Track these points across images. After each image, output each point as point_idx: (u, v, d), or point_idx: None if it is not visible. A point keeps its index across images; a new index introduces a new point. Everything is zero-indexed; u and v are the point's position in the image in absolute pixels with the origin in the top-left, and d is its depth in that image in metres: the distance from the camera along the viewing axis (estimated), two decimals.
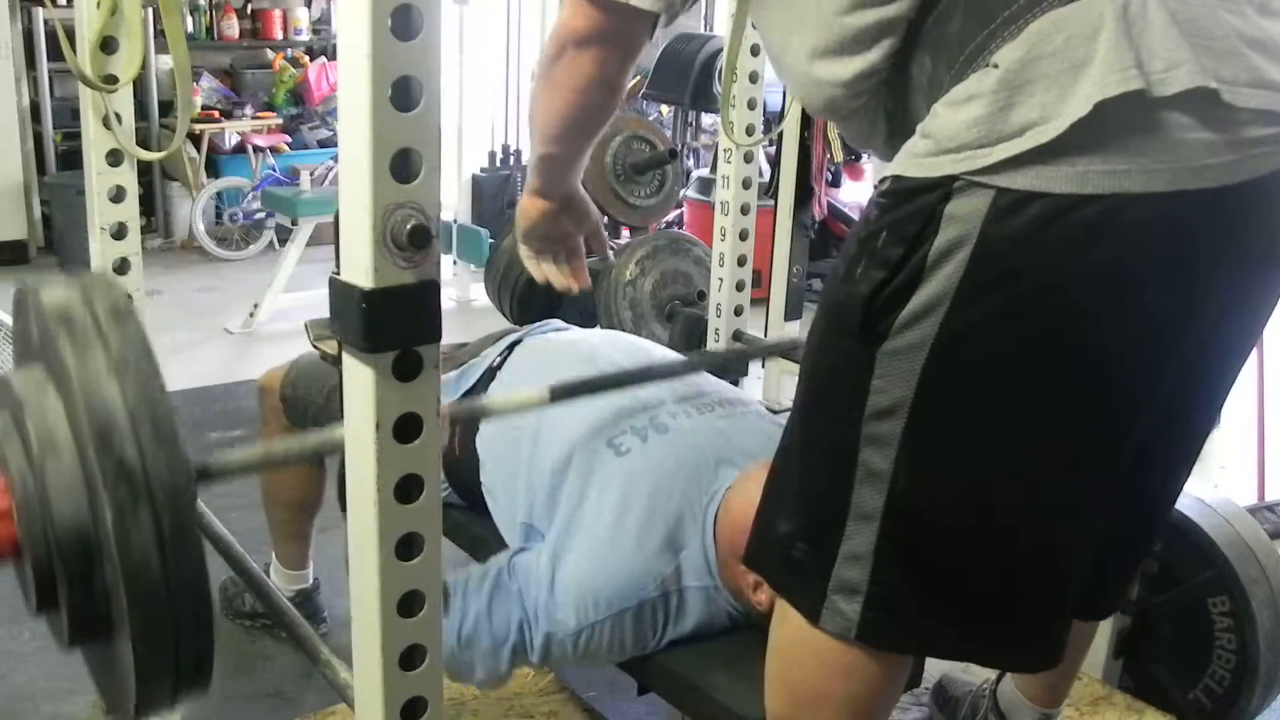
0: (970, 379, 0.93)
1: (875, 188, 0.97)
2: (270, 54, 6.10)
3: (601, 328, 3.09)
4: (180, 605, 0.89)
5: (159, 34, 1.72)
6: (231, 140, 5.82)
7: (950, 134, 0.88)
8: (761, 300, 3.08)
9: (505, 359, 1.71)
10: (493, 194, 5.22)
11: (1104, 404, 0.96)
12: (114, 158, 1.56)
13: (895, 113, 1.00)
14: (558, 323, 1.92)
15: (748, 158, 2.18)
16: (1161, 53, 0.84)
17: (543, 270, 1.58)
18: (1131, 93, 0.83)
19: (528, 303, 3.54)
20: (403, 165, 0.79)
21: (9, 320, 2.84)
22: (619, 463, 1.46)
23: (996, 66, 0.87)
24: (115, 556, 0.86)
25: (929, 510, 0.98)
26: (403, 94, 0.78)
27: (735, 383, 2.26)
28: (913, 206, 0.90)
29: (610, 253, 1.57)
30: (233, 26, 5.89)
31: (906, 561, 1.00)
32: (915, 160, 0.91)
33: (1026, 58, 0.86)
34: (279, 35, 6.07)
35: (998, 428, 0.95)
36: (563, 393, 1.44)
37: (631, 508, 1.42)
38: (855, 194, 4.85)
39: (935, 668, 1.77)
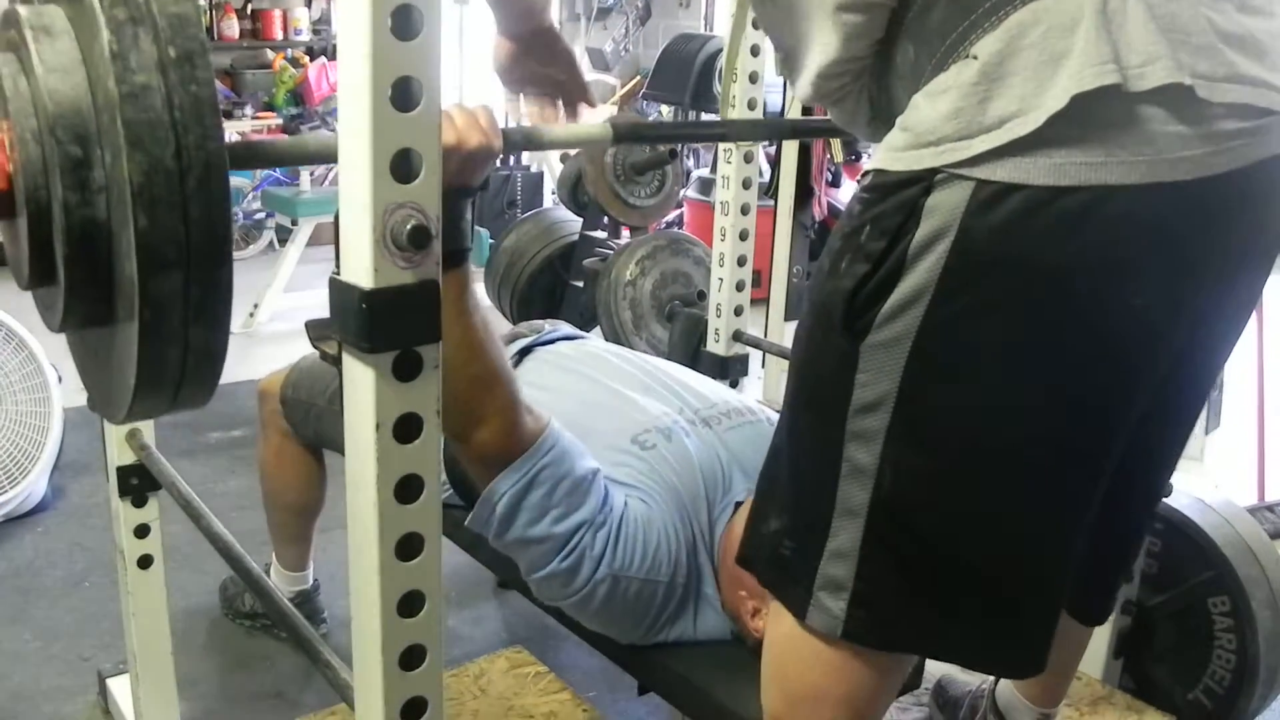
0: (952, 372, 0.93)
1: (857, 182, 0.97)
2: (270, 54, 6.10)
3: (601, 328, 3.10)
4: (185, 141, 0.75)
5: None
6: (231, 140, 5.82)
7: (929, 127, 0.88)
8: (761, 300, 3.08)
9: (517, 365, 1.71)
10: (493, 194, 5.23)
11: (1090, 396, 0.96)
12: None
13: (879, 98, 1.01)
14: (564, 327, 1.92)
15: (748, 158, 2.18)
16: (1139, 47, 0.85)
17: (520, 109, 1.52)
18: (1108, 86, 0.84)
19: (528, 302, 3.56)
20: (403, 165, 0.79)
21: (9, 322, 2.83)
22: (647, 455, 1.49)
23: (976, 58, 0.87)
24: (112, 88, 0.73)
25: (914, 506, 0.98)
26: (403, 94, 0.78)
27: (734, 383, 2.27)
28: (894, 200, 0.90)
29: (588, 87, 1.48)
30: (232, 26, 5.89)
31: (891, 558, 1.00)
32: (895, 154, 0.91)
33: (1006, 50, 0.86)
34: (279, 35, 6.07)
35: (981, 421, 0.95)
36: (626, 133, 1.35)
37: (667, 494, 1.44)
38: None
39: (935, 668, 1.77)
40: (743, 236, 2.20)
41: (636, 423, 1.53)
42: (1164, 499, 1.78)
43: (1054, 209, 0.86)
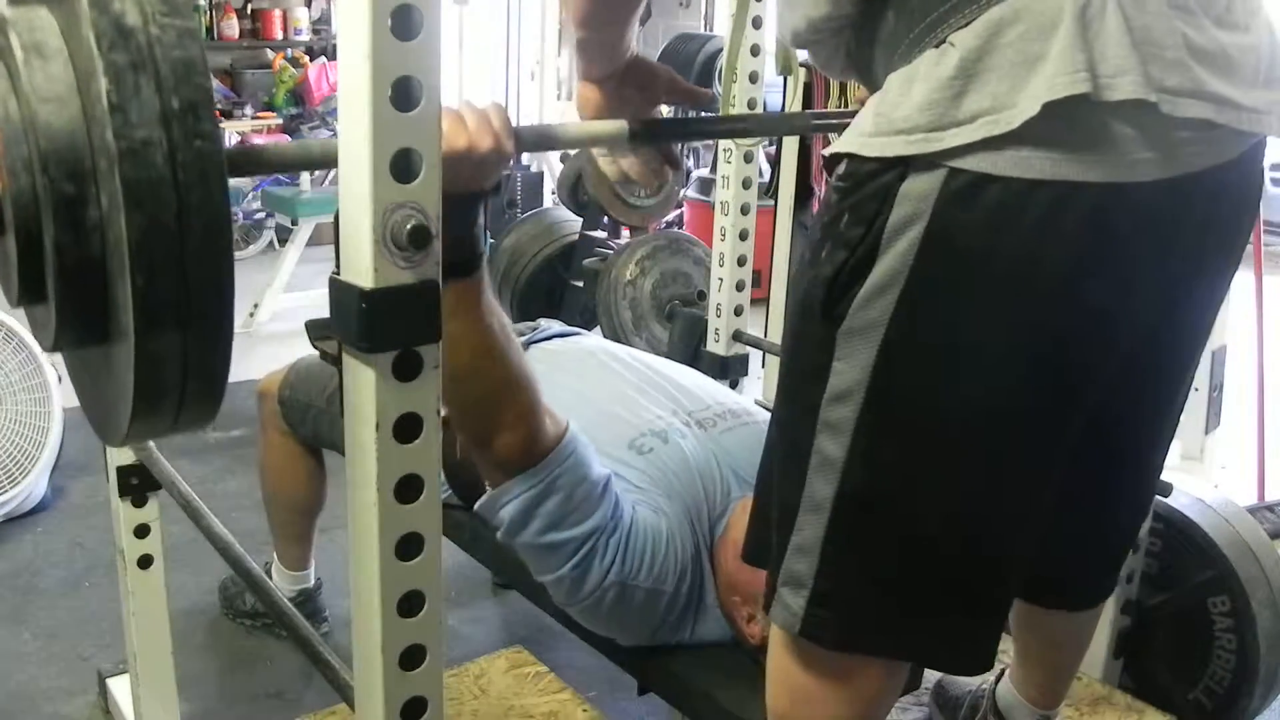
0: (921, 360, 0.94)
1: (824, 165, 0.97)
2: (270, 54, 6.11)
3: (601, 328, 3.10)
4: (188, 200, 0.70)
5: None
6: (231, 140, 5.82)
7: (903, 115, 0.89)
8: (762, 300, 3.08)
9: None
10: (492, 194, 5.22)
11: (1052, 386, 0.96)
12: None
13: (856, 52, 1.02)
14: (558, 325, 1.92)
15: (748, 157, 2.18)
16: (1111, 58, 0.86)
17: (621, 168, 1.40)
18: (1078, 94, 0.85)
19: (528, 302, 3.56)
20: (403, 165, 0.79)
21: (9, 322, 2.83)
22: (645, 459, 1.48)
23: (954, 45, 0.88)
24: (110, 141, 0.68)
25: (877, 501, 0.98)
26: (403, 94, 0.78)
27: (734, 383, 2.27)
28: (870, 187, 0.91)
29: (698, 91, 1.42)
30: (232, 26, 5.89)
31: (853, 556, 1.00)
32: (866, 139, 0.92)
33: (984, 48, 0.87)
34: (279, 35, 6.07)
35: (948, 412, 0.95)
36: (645, 135, 1.24)
37: (672, 500, 1.43)
38: None
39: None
40: (743, 236, 2.20)
41: (633, 426, 1.52)
42: (1164, 498, 1.79)
43: (1023, 200, 0.87)
